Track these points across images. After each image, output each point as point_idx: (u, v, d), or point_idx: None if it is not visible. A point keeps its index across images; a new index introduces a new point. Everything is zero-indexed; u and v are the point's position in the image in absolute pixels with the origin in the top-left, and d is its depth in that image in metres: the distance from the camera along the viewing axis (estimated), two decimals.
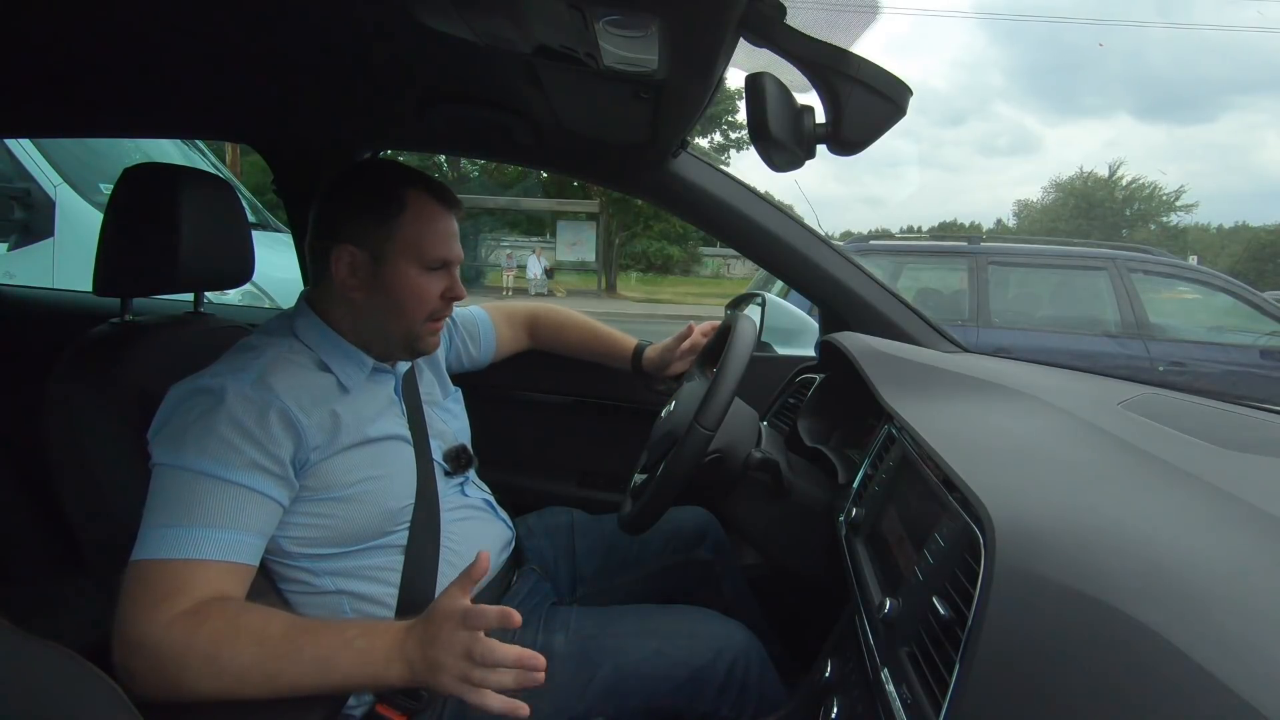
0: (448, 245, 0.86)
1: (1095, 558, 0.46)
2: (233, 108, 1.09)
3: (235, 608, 0.67)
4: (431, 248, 0.84)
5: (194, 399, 0.73)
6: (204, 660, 0.63)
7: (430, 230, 0.84)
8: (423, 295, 0.85)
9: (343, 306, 0.86)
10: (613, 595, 1.07)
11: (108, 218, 0.89)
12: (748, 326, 0.92)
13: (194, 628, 0.64)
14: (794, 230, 1.18)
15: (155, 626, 0.63)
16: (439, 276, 0.86)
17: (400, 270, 0.83)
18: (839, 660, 0.79)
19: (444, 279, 0.87)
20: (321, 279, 0.86)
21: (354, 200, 0.85)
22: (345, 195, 0.85)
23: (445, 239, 0.86)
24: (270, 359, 0.78)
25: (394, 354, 0.90)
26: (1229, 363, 3.32)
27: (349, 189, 0.86)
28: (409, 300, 0.84)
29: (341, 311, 0.86)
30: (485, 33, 0.64)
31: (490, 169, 15.51)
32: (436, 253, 0.85)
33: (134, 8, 0.70)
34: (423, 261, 0.84)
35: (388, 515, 0.82)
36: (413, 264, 0.84)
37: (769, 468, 0.92)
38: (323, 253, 0.84)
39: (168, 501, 0.68)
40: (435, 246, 0.85)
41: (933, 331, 1.20)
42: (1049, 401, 0.84)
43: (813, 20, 0.54)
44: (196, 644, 0.63)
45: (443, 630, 0.65)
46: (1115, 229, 24.01)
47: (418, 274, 0.84)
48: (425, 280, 0.85)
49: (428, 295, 0.85)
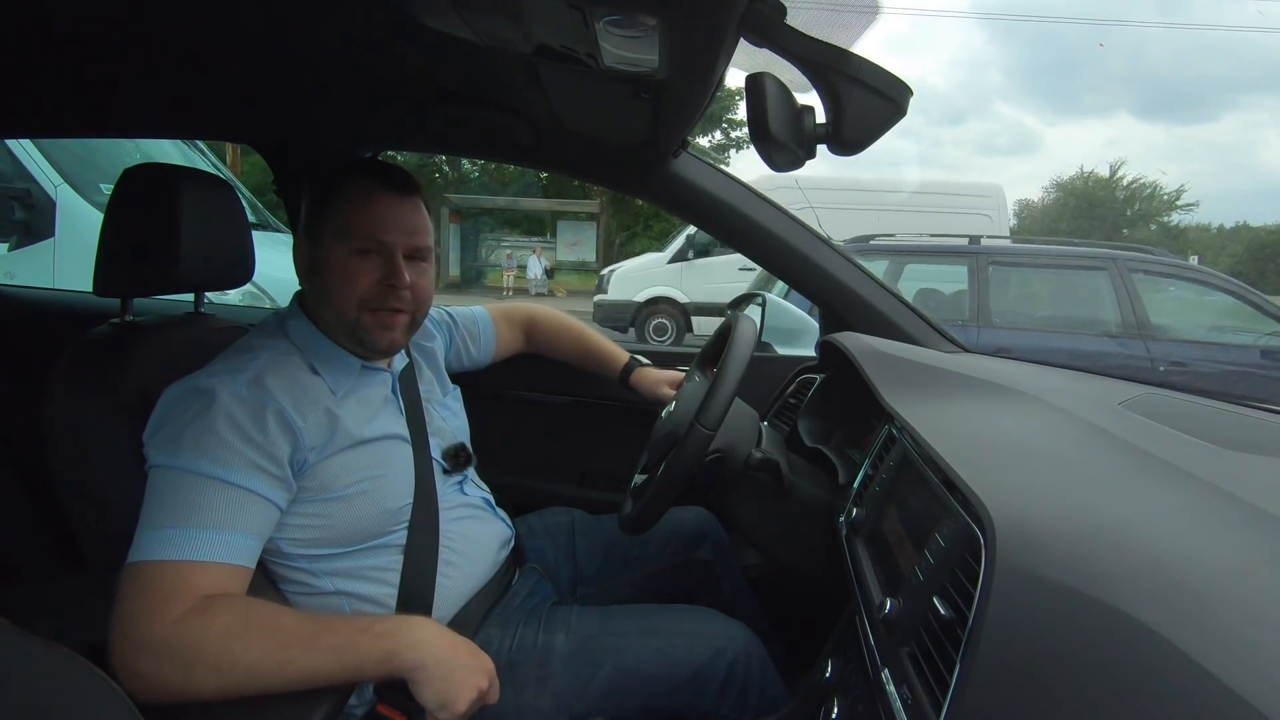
0: (381, 226, 0.82)
1: (1095, 558, 0.46)
2: (233, 108, 1.09)
3: (244, 602, 0.68)
4: (361, 227, 0.81)
5: (189, 399, 0.73)
6: (217, 654, 0.63)
7: (361, 210, 0.81)
8: (349, 277, 0.81)
9: (307, 303, 0.87)
10: (613, 595, 1.07)
11: (108, 218, 0.89)
12: (748, 326, 0.92)
13: (206, 623, 0.64)
14: (794, 230, 1.18)
15: (163, 626, 0.63)
16: (372, 261, 0.82)
17: (328, 251, 0.82)
18: (839, 660, 0.79)
19: (379, 264, 0.82)
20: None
21: (308, 194, 0.86)
22: (307, 192, 0.87)
23: (379, 220, 0.82)
24: (265, 361, 0.78)
25: (354, 350, 0.87)
26: (1229, 363, 3.32)
27: (307, 186, 0.88)
28: (335, 282, 0.81)
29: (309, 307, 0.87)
30: (485, 33, 0.64)
31: (490, 169, 15.51)
32: (365, 231, 0.81)
33: (134, 8, 0.70)
34: (351, 242, 0.81)
35: (386, 515, 0.82)
36: (340, 244, 0.81)
37: (769, 468, 0.92)
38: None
39: (165, 503, 0.68)
40: (365, 226, 0.81)
41: (933, 331, 1.20)
42: (1049, 401, 0.84)
43: (813, 20, 0.54)
44: (210, 638, 0.63)
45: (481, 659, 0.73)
46: (1116, 229, 24.00)
47: (345, 255, 0.81)
48: (354, 262, 0.81)
49: (354, 278, 0.81)
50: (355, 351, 0.87)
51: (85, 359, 0.84)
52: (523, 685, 0.82)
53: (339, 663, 0.66)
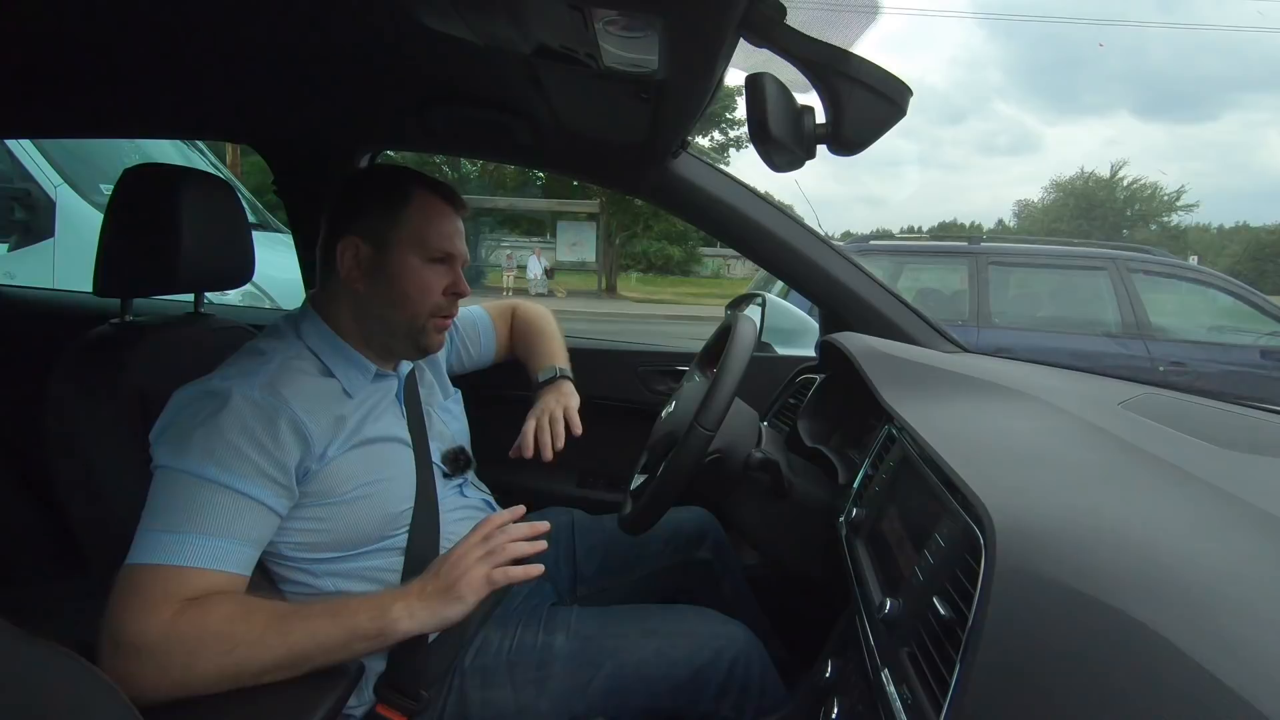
0: (451, 240, 0.87)
1: (1095, 558, 0.46)
2: (233, 108, 1.09)
3: (242, 595, 0.69)
4: (435, 240, 0.85)
5: (201, 402, 0.72)
6: (218, 639, 0.64)
7: (434, 223, 0.85)
8: (425, 286, 0.85)
9: (346, 303, 0.86)
10: (613, 595, 1.07)
11: (108, 218, 0.89)
12: (748, 326, 0.92)
13: (204, 613, 0.64)
14: (794, 230, 1.18)
15: (156, 625, 0.63)
16: (442, 271, 0.86)
17: (403, 259, 0.84)
18: (839, 660, 0.79)
19: (447, 274, 0.87)
20: (328, 276, 0.86)
21: (362, 196, 0.86)
22: (354, 193, 0.87)
23: (449, 234, 0.87)
24: (279, 365, 0.78)
25: (397, 351, 0.89)
26: (1229, 363, 3.32)
27: (358, 187, 0.87)
28: (412, 289, 0.85)
29: (345, 310, 0.86)
30: (485, 33, 0.64)
31: (490, 169, 15.51)
32: (439, 245, 0.85)
33: (134, 8, 0.70)
34: (426, 253, 0.85)
35: (388, 519, 0.82)
36: (415, 254, 0.84)
37: (769, 468, 0.92)
38: (330, 248, 0.85)
39: (167, 505, 0.68)
40: (438, 239, 0.85)
41: (933, 331, 1.20)
42: (1049, 402, 0.84)
43: (812, 20, 0.54)
44: (210, 625, 0.64)
45: (456, 550, 0.76)
46: (1116, 229, 24.02)
47: (420, 265, 0.85)
48: (427, 272, 0.85)
49: (430, 286, 0.86)
50: (385, 353, 0.88)
51: (85, 359, 0.84)
52: (522, 686, 0.82)
53: (336, 622, 0.68)
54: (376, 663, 0.80)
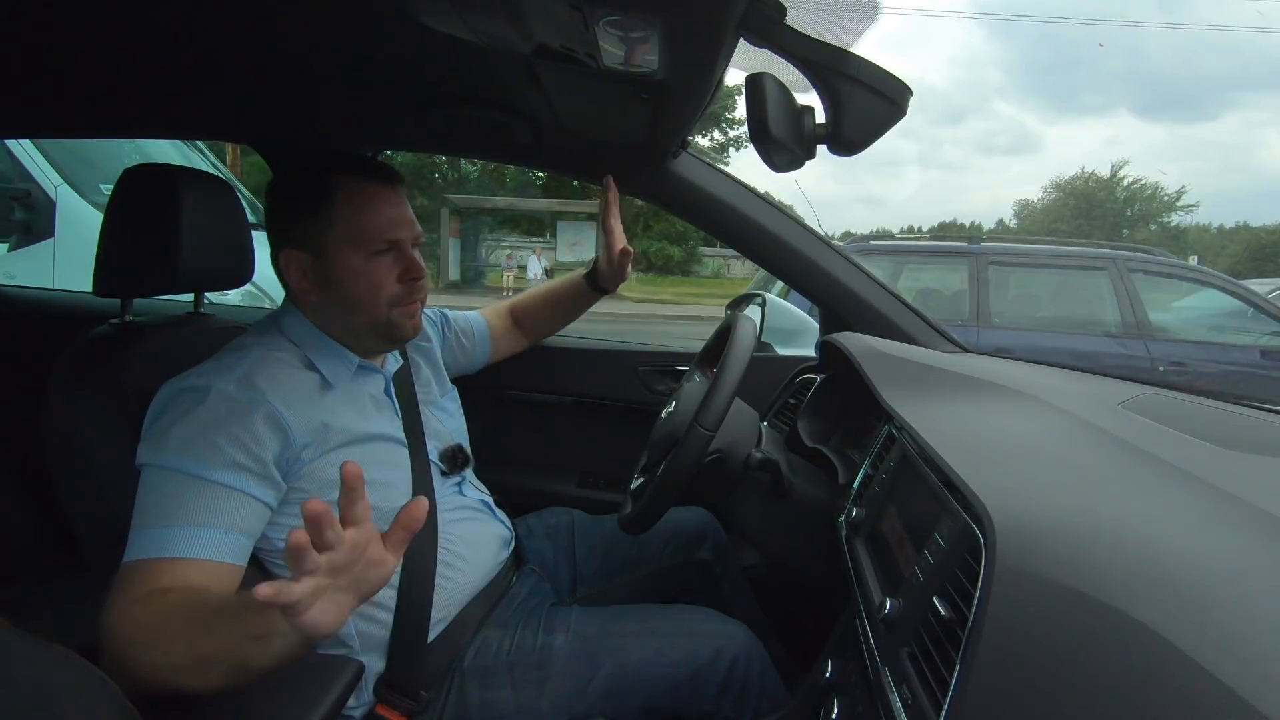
0: (390, 225, 0.81)
1: (1095, 558, 0.46)
2: (233, 108, 1.09)
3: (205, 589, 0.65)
4: (371, 231, 0.80)
5: (179, 398, 0.73)
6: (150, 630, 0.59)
7: (365, 214, 0.80)
8: (374, 283, 0.81)
9: (309, 312, 0.85)
10: (613, 595, 1.07)
11: (108, 218, 0.89)
12: (748, 326, 0.92)
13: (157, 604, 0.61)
14: (794, 230, 1.18)
15: (129, 615, 0.61)
16: (388, 261, 0.82)
17: (343, 262, 0.80)
18: (839, 660, 0.79)
19: (396, 262, 0.83)
20: (287, 289, 0.85)
21: (286, 202, 0.83)
22: (279, 199, 0.83)
23: (386, 221, 0.81)
24: (256, 358, 0.78)
25: (375, 347, 0.88)
26: (1229, 363, 3.32)
27: (284, 194, 0.83)
28: (362, 291, 0.81)
29: (312, 318, 0.85)
30: (485, 33, 0.64)
31: (490, 169, 15.52)
32: (377, 235, 0.81)
33: (134, 8, 0.70)
34: (366, 248, 0.80)
35: (384, 517, 0.82)
36: (355, 252, 0.80)
37: (769, 468, 0.92)
38: (275, 262, 0.82)
39: (152, 503, 0.68)
40: (375, 230, 0.81)
41: (933, 331, 1.20)
42: (1049, 401, 0.84)
43: (812, 20, 0.54)
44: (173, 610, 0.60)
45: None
46: (1116, 229, 24.03)
47: (363, 261, 0.81)
48: (373, 267, 0.81)
49: (379, 282, 0.81)
50: (364, 352, 0.87)
51: (85, 359, 0.84)
52: (522, 686, 0.82)
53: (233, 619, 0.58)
54: (376, 663, 0.80)
